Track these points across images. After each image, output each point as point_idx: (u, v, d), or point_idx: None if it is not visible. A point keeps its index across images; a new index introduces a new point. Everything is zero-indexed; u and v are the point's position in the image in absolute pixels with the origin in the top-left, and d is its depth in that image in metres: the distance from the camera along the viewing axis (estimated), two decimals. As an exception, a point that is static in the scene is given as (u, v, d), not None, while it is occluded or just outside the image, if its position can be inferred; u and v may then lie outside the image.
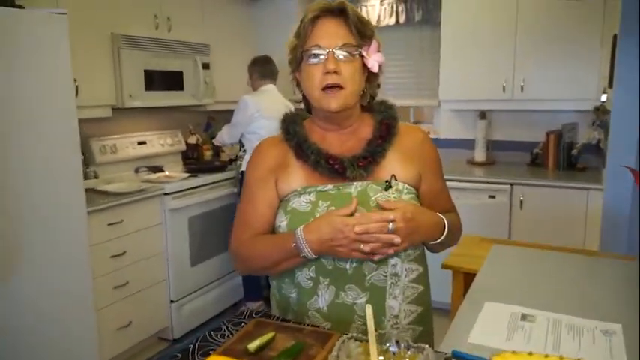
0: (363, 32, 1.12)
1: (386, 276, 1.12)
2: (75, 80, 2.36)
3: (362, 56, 1.13)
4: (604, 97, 2.91)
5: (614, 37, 2.74)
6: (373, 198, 1.11)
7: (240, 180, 3.28)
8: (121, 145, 3.28)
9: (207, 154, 3.84)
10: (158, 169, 3.35)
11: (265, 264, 1.16)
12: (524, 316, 1.22)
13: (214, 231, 3.32)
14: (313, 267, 1.12)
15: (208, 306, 3.32)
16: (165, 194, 2.93)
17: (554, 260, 1.71)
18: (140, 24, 3.08)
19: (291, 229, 1.10)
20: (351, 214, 1.06)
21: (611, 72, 2.83)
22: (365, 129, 1.20)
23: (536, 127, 3.53)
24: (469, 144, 3.70)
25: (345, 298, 1.11)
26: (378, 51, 1.15)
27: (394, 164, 1.16)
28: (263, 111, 3.18)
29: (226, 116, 4.16)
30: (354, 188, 1.12)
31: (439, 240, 1.16)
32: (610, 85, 2.84)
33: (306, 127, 1.21)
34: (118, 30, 2.91)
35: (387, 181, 1.13)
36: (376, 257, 1.05)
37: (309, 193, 1.13)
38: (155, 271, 2.92)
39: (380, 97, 1.27)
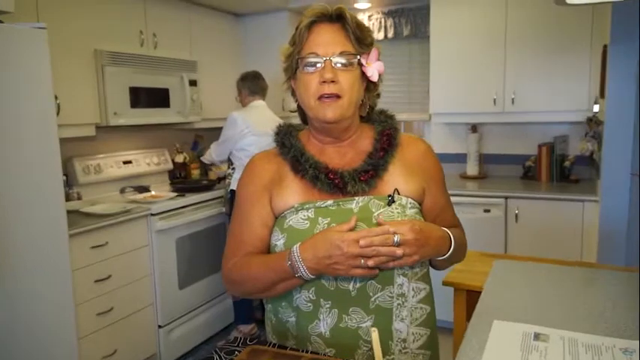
0: (362, 39, 1.07)
1: (392, 297, 1.04)
2: (56, 98, 2.28)
3: (361, 64, 1.07)
4: (596, 108, 2.90)
5: (604, 47, 2.74)
6: (376, 214, 1.04)
7: (229, 199, 3.19)
8: (106, 164, 3.18)
9: (195, 172, 3.75)
10: (144, 189, 3.25)
11: (260, 286, 1.07)
12: (536, 336, 1.15)
13: (203, 252, 3.21)
14: (313, 289, 1.04)
15: (198, 330, 3.19)
16: (152, 215, 2.82)
17: (559, 274, 1.65)
18: (125, 40, 3.01)
19: (289, 248, 1.03)
20: (351, 230, 0.98)
21: (602, 82, 2.81)
22: (365, 141, 1.14)
23: (528, 139, 3.51)
24: (461, 158, 3.66)
25: (348, 322, 1.03)
26: (378, 59, 1.10)
27: (397, 178, 1.10)
28: (252, 127, 3.11)
29: (214, 134, 4.08)
30: (355, 203, 1.06)
31: (446, 256, 1.09)
32: (602, 95, 2.82)
33: (302, 139, 1.15)
34: (102, 46, 2.84)
35: (389, 196, 1.06)
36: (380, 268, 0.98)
37: (308, 209, 1.06)
38: (142, 296, 2.80)
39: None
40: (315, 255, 0.96)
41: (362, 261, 0.94)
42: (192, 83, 3.41)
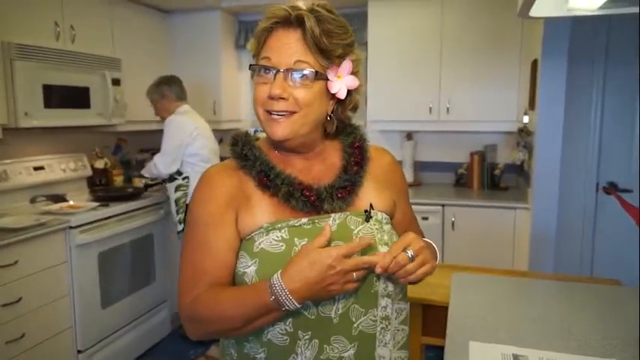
0: (328, 51, 0.93)
1: (375, 321, 0.96)
2: (-44, 95, 1.96)
3: (326, 79, 0.96)
4: (526, 119, 3.02)
5: (534, 61, 2.86)
6: (355, 231, 0.97)
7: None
8: (13, 170, 2.82)
9: (118, 179, 3.45)
10: (60, 198, 2.91)
11: (233, 325, 0.91)
12: (516, 358, 1.12)
13: (129, 266, 2.95)
14: (290, 320, 0.92)
15: (123, 352, 2.91)
16: (71, 227, 2.53)
17: (518, 287, 1.67)
18: (38, 32, 2.68)
19: (263, 276, 0.90)
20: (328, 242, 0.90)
21: (531, 95, 2.94)
22: (332, 153, 1.06)
23: (460, 147, 3.61)
24: (396, 165, 3.68)
25: (330, 352, 0.93)
26: (352, 72, 0.97)
27: (370, 192, 1.03)
28: (201, 129, 2.92)
29: (139, 138, 3.81)
30: (332, 221, 0.97)
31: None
32: (531, 107, 2.95)
33: (263, 149, 1.02)
34: (11, 38, 2.50)
35: (366, 211, 0.99)
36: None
37: (280, 229, 0.94)
38: (58, 319, 2.50)
39: None
40: (307, 283, 0.85)
41: (354, 275, 0.87)
42: (116, 82, 3.13)
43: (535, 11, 1.37)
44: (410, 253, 0.89)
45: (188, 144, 2.89)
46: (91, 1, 3.05)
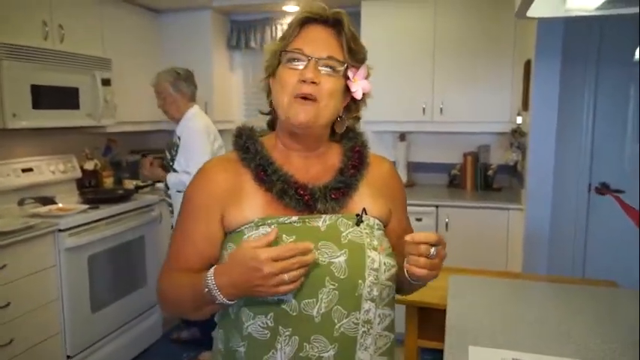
0: (354, 52, 1.00)
1: (357, 324, 0.95)
2: (-59, 96, 1.92)
3: (347, 77, 1.00)
4: (519, 120, 3.02)
5: (527, 62, 2.86)
6: (345, 233, 0.97)
7: None
8: (1, 172, 2.76)
9: (108, 181, 3.40)
10: (48, 201, 2.87)
11: (187, 308, 1.01)
12: (516, 363, 1.10)
13: (120, 270, 2.91)
14: (272, 314, 0.93)
15: (114, 356, 2.87)
16: (60, 230, 2.48)
17: (514, 289, 1.66)
18: (25, 31, 2.63)
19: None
20: (275, 244, 0.88)
21: (525, 96, 2.94)
22: (333, 156, 1.07)
23: (454, 148, 3.60)
24: (389, 166, 3.67)
25: (310, 351, 0.93)
26: (366, 78, 1.03)
27: (365, 198, 1.04)
28: (219, 138, 2.84)
29: (129, 139, 3.76)
30: (322, 221, 0.98)
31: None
32: (525, 108, 2.95)
33: (267, 144, 1.05)
34: (-2, 37, 2.46)
35: (357, 215, 0.99)
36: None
37: (270, 225, 0.95)
38: (47, 323, 2.45)
39: None
40: (232, 281, 0.87)
41: (286, 277, 0.84)
42: (106, 82, 3.08)
43: (533, 11, 1.36)
44: (433, 250, 0.89)
45: (214, 153, 2.72)
46: (81, 1, 3.01)
